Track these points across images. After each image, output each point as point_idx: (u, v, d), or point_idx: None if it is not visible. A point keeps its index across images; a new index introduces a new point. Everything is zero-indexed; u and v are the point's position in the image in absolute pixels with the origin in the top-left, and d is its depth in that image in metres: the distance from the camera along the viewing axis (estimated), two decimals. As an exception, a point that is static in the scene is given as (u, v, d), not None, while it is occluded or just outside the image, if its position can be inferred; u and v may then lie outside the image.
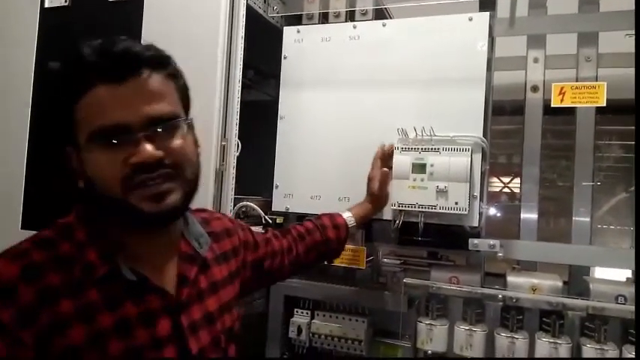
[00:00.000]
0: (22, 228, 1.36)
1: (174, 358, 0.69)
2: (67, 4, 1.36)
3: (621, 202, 3.18)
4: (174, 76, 0.72)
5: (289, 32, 1.38)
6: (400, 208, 1.21)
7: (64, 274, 0.64)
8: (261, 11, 1.38)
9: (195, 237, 0.80)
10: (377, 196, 1.22)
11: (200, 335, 0.74)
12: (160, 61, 0.70)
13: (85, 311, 0.63)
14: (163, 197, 0.67)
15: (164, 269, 0.74)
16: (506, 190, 2.56)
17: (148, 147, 0.65)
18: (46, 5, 1.39)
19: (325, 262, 1.24)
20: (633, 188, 3.21)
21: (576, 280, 1.30)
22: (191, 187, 0.72)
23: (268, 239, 1.04)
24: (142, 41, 0.71)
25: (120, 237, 0.70)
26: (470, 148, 1.16)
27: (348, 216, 1.18)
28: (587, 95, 1.12)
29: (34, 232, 0.69)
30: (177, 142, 0.69)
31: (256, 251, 0.99)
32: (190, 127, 0.74)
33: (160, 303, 0.70)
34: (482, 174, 1.20)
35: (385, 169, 1.22)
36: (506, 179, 2.55)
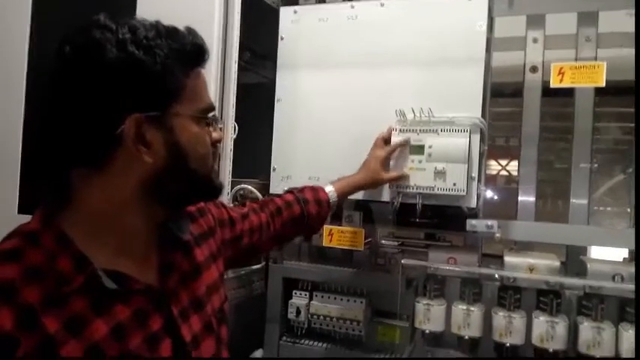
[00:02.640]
0: (19, 212, 1.35)
1: (170, 349, 0.68)
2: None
3: (618, 183, 3.20)
4: None
5: (286, 12, 1.36)
6: (398, 189, 1.21)
7: (40, 288, 0.59)
8: (257, -9, 1.36)
9: (175, 221, 0.77)
10: (374, 176, 1.20)
11: (191, 322, 0.73)
12: None
13: (75, 324, 0.59)
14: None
15: (146, 258, 0.72)
16: (503, 172, 2.57)
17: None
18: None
19: (304, 238, 1.25)
20: (631, 170, 3.23)
21: (574, 260, 1.30)
22: None
23: (245, 215, 1.01)
24: None
25: (109, 231, 0.67)
26: (468, 129, 1.16)
27: (330, 190, 1.15)
28: (586, 75, 1.11)
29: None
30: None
31: (233, 228, 0.97)
32: None
33: (148, 299, 0.68)
34: (481, 155, 1.20)
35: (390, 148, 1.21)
36: (503, 162, 2.55)
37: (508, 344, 1.17)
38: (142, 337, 0.65)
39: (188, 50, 0.66)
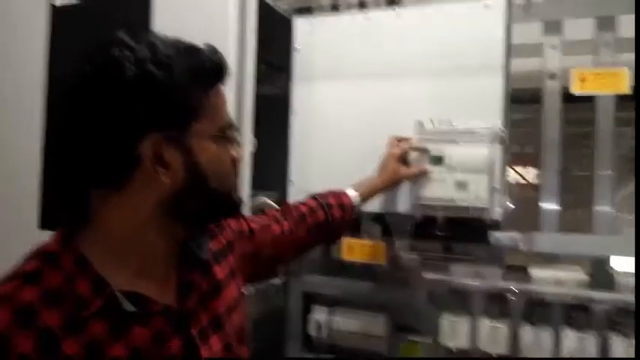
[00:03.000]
0: (40, 228, 1.35)
1: None
2: (77, 1, 1.35)
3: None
4: None
5: (300, 24, 1.35)
6: (419, 202, 1.18)
7: (60, 311, 0.58)
8: (271, 2, 1.35)
9: (194, 240, 0.76)
10: (394, 175, 1.18)
11: (211, 342, 0.71)
12: None
13: (94, 348, 0.59)
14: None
15: (165, 278, 0.70)
16: (522, 180, 2.52)
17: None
18: (57, 3, 1.37)
19: (328, 243, 1.24)
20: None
21: (599, 271, 1.26)
22: None
23: (266, 225, 0.98)
24: None
25: (130, 251, 0.66)
26: (489, 138, 1.13)
27: (352, 194, 1.13)
28: (608, 82, 1.08)
29: (51, 233, 0.65)
30: None
31: (253, 240, 0.93)
32: None
33: (167, 320, 0.66)
34: (503, 165, 1.17)
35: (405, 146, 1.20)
36: (521, 169, 2.51)
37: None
38: (160, 357, 0.64)
39: (207, 68, 0.66)
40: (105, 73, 0.61)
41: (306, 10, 1.38)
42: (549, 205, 1.35)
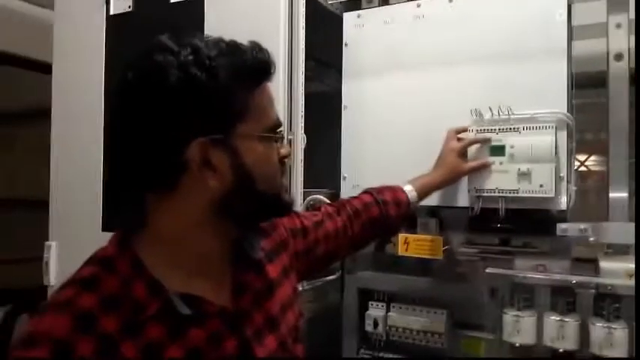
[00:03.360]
0: (103, 230, 1.40)
1: None
2: (130, 9, 1.39)
3: None
4: None
5: (349, 18, 1.34)
6: (478, 194, 1.14)
7: (117, 316, 0.59)
8: (320, -1, 1.35)
9: (247, 240, 0.76)
10: (454, 169, 1.14)
11: (266, 342, 0.71)
12: None
13: (151, 350, 0.60)
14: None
15: (219, 279, 0.70)
16: (584, 168, 2.40)
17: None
18: (111, 12, 1.42)
19: (384, 239, 1.23)
20: None
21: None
22: None
23: (319, 222, 0.97)
24: None
25: (186, 252, 0.66)
26: (554, 125, 1.08)
27: (409, 190, 1.10)
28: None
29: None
30: None
31: (306, 238, 0.93)
32: None
33: (222, 321, 0.67)
34: (569, 153, 1.11)
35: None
36: (583, 157, 2.39)
37: (609, 357, 1.07)
38: (216, 358, 0.64)
39: (251, 67, 0.64)
40: (148, 79, 0.61)
41: (355, 5, 1.36)
42: (618, 194, 1.28)
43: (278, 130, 0.70)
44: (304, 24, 1.20)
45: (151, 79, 0.61)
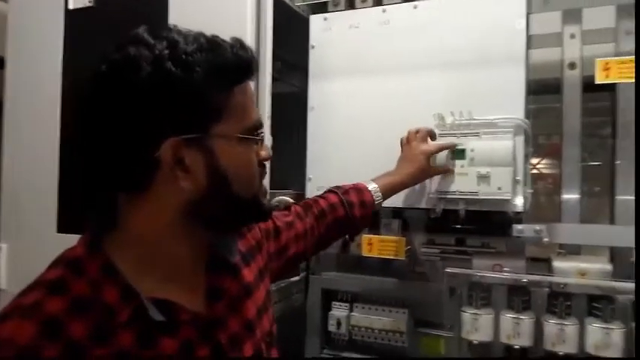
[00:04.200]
0: (58, 232, 1.35)
1: None
2: (91, 4, 1.35)
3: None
4: None
5: (316, 20, 1.34)
6: (440, 196, 1.17)
7: (86, 321, 0.56)
8: (287, 0, 1.34)
9: (223, 243, 0.73)
10: (422, 172, 1.15)
11: (242, 348, 0.69)
12: None
13: (122, 358, 0.57)
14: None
15: (193, 284, 0.68)
16: (537, 171, 2.50)
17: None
18: (70, 7, 1.37)
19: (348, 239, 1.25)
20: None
21: (622, 261, 1.25)
22: None
23: (291, 222, 0.96)
24: None
25: (156, 256, 0.64)
26: (512, 130, 1.12)
27: (374, 190, 1.10)
28: (633, 70, 1.06)
29: (70, 236, 0.65)
30: None
31: (278, 238, 0.92)
32: None
33: (195, 328, 0.64)
34: (526, 157, 1.16)
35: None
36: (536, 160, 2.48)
37: (561, 353, 1.12)
38: None
39: (231, 64, 0.61)
40: (120, 72, 0.58)
41: (321, 7, 1.37)
42: (570, 196, 1.34)
43: (258, 132, 0.67)
44: (272, 24, 1.20)
45: (123, 72, 0.58)
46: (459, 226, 1.30)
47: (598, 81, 1.10)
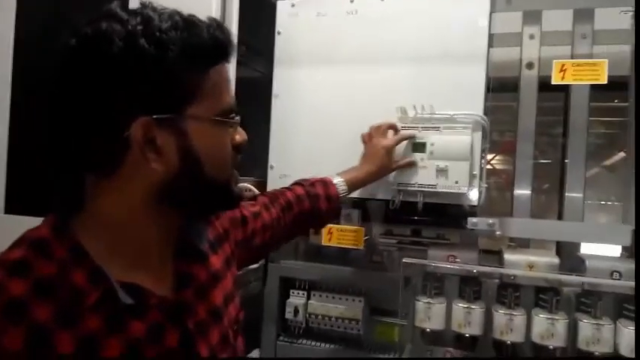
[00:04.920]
0: (5, 212, 1.29)
1: None
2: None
3: (596, 176, 3.28)
4: None
5: (283, 6, 1.33)
6: (400, 187, 1.19)
7: (51, 304, 0.55)
8: (254, -16, 1.32)
9: (193, 229, 0.73)
10: (384, 166, 1.16)
11: (209, 335, 0.69)
12: None
13: (88, 344, 0.56)
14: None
15: (162, 269, 0.67)
16: (490, 166, 2.59)
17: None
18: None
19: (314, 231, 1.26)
20: (607, 162, 3.31)
21: (566, 255, 1.31)
22: None
23: (258, 212, 0.95)
24: None
25: (123, 239, 0.63)
26: (470, 126, 1.15)
27: (340, 183, 1.11)
28: (588, 72, 1.11)
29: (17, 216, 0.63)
30: None
31: (245, 227, 0.91)
32: None
33: (164, 313, 0.63)
34: (482, 152, 1.19)
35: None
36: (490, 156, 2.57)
37: (509, 342, 1.17)
38: (156, 352, 0.61)
39: (207, 45, 0.60)
40: (91, 47, 0.56)
41: (289, -7, 1.35)
42: (522, 191, 1.39)
43: (233, 115, 0.66)
44: (238, 7, 1.18)
45: (94, 47, 0.56)
46: (416, 218, 1.33)
47: (554, 82, 1.15)
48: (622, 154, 3.08)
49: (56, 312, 0.55)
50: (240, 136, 0.68)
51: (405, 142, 1.19)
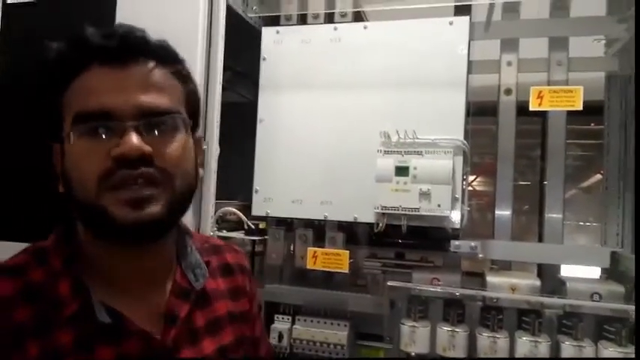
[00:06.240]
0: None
1: None
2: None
3: (574, 198, 3.35)
4: (184, 77, 0.64)
5: (268, 33, 1.35)
6: (383, 211, 1.21)
7: (33, 310, 0.55)
8: (240, 11, 1.34)
9: (191, 267, 0.68)
10: None
11: None
12: (169, 56, 0.63)
13: (53, 356, 0.55)
14: (141, 204, 0.56)
15: (151, 304, 0.63)
16: (471, 188, 2.62)
17: (135, 138, 0.55)
18: (9, 0, 1.30)
19: None
20: (584, 184, 3.39)
21: (547, 277, 1.33)
22: (179, 200, 0.60)
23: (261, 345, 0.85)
24: None
25: (100, 259, 0.61)
26: (452, 150, 1.18)
27: None
28: (564, 99, 1.15)
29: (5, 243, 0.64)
30: (173, 144, 0.59)
31: (252, 328, 0.81)
32: (194, 136, 0.66)
33: (139, 347, 0.59)
34: (464, 176, 1.21)
35: None
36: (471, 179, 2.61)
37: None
38: None
39: (55, 64, 0.60)
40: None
41: (274, 20, 1.38)
42: (503, 212, 1.42)
43: (107, 123, 0.57)
44: (223, 34, 1.20)
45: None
46: (399, 241, 1.34)
47: (532, 108, 1.18)
48: (598, 176, 3.16)
49: (35, 318, 0.56)
50: (124, 147, 0.55)
51: (389, 166, 1.20)
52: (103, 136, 0.56)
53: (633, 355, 1.06)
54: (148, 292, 0.64)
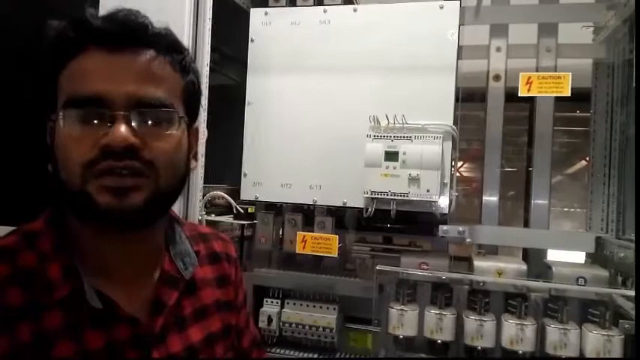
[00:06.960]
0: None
1: None
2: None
3: (559, 184, 3.40)
4: (184, 68, 0.63)
5: (257, 14, 1.33)
6: (372, 196, 1.21)
7: (24, 292, 0.55)
8: (227, -8, 1.32)
9: (180, 255, 0.68)
10: None
11: None
12: (170, 45, 0.61)
13: (43, 339, 0.54)
14: (126, 193, 0.56)
15: (139, 291, 0.63)
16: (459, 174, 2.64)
17: (123, 128, 0.55)
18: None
19: None
20: (569, 171, 3.43)
21: (535, 261, 1.35)
22: (164, 192, 0.59)
23: (248, 341, 0.83)
24: None
25: (89, 245, 0.60)
26: (441, 136, 1.18)
27: None
28: (553, 85, 1.15)
29: None
30: (163, 138, 0.58)
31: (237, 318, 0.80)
32: (189, 130, 0.64)
33: (128, 333, 0.59)
34: (452, 162, 1.22)
35: None
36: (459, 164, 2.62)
37: (479, 347, 1.19)
38: None
39: (51, 46, 0.59)
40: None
41: (263, 1, 1.36)
42: (490, 198, 1.43)
43: (99, 109, 0.56)
44: (210, 15, 1.17)
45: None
46: (388, 226, 1.34)
47: (521, 94, 1.18)
48: (584, 163, 3.20)
49: (26, 300, 0.55)
50: (112, 136, 0.55)
51: (379, 151, 1.20)
52: (95, 121, 0.56)
53: (616, 337, 1.08)
54: (136, 278, 0.64)
